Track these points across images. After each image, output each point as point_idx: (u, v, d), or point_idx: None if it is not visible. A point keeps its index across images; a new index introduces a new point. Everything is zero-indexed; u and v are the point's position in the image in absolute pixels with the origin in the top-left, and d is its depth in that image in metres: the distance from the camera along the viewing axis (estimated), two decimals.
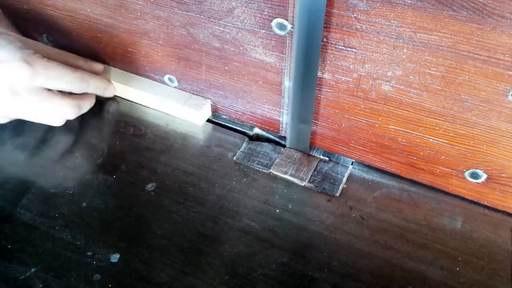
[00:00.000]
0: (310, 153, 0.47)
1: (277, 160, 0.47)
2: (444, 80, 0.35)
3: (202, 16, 0.42)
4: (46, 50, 0.47)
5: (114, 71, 0.53)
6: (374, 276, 0.37)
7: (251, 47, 0.41)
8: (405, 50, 0.34)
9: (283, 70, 0.42)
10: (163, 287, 0.37)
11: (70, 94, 0.47)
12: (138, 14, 0.45)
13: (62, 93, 0.46)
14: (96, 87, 0.49)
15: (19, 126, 0.49)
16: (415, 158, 0.42)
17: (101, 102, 0.52)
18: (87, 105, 0.49)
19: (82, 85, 0.46)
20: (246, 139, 0.49)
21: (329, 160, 0.47)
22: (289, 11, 0.36)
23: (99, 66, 0.52)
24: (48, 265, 0.38)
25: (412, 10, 0.32)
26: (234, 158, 0.47)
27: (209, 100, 0.49)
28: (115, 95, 0.53)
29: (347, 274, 0.37)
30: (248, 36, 0.41)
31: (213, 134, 0.49)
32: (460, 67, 0.33)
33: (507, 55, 0.31)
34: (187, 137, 0.49)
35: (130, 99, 0.53)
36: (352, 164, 0.46)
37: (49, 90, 0.44)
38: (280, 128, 0.48)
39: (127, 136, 0.49)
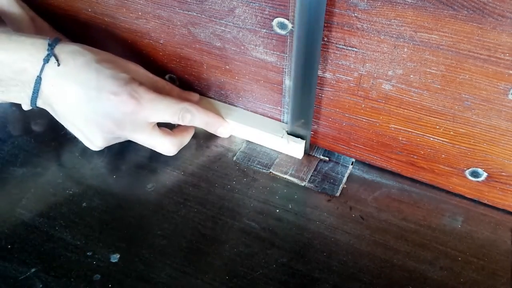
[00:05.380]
0: (310, 153, 0.47)
1: (277, 160, 0.47)
2: (444, 79, 0.35)
3: (203, 16, 0.42)
4: (143, 75, 0.46)
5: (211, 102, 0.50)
6: (374, 276, 0.37)
7: (252, 46, 0.41)
8: (405, 49, 0.34)
9: (284, 69, 0.42)
10: (163, 287, 0.36)
11: (172, 128, 0.46)
12: (140, 13, 0.45)
13: (164, 129, 0.45)
14: (203, 121, 0.46)
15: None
16: (415, 157, 0.42)
17: None
18: (187, 140, 0.47)
19: (186, 117, 0.44)
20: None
21: (329, 160, 0.47)
22: (290, 10, 0.36)
23: (195, 97, 0.50)
24: (48, 265, 0.38)
25: (413, 10, 0.32)
26: (234, 158, 0.47)
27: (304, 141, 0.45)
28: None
29: (347, 274, 0.37)
30: (249, 36, 0.41)
31: (213, 134, 0.49)
32: (461, 66, 0.33)
33: (507, 54, 0.31)
34: None
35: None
36: (352, 164, 0.46)
37: (153, 126, 0.43)
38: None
39: None
